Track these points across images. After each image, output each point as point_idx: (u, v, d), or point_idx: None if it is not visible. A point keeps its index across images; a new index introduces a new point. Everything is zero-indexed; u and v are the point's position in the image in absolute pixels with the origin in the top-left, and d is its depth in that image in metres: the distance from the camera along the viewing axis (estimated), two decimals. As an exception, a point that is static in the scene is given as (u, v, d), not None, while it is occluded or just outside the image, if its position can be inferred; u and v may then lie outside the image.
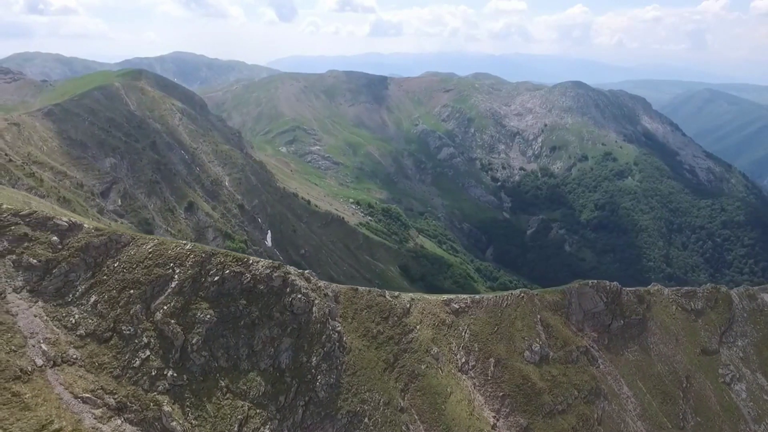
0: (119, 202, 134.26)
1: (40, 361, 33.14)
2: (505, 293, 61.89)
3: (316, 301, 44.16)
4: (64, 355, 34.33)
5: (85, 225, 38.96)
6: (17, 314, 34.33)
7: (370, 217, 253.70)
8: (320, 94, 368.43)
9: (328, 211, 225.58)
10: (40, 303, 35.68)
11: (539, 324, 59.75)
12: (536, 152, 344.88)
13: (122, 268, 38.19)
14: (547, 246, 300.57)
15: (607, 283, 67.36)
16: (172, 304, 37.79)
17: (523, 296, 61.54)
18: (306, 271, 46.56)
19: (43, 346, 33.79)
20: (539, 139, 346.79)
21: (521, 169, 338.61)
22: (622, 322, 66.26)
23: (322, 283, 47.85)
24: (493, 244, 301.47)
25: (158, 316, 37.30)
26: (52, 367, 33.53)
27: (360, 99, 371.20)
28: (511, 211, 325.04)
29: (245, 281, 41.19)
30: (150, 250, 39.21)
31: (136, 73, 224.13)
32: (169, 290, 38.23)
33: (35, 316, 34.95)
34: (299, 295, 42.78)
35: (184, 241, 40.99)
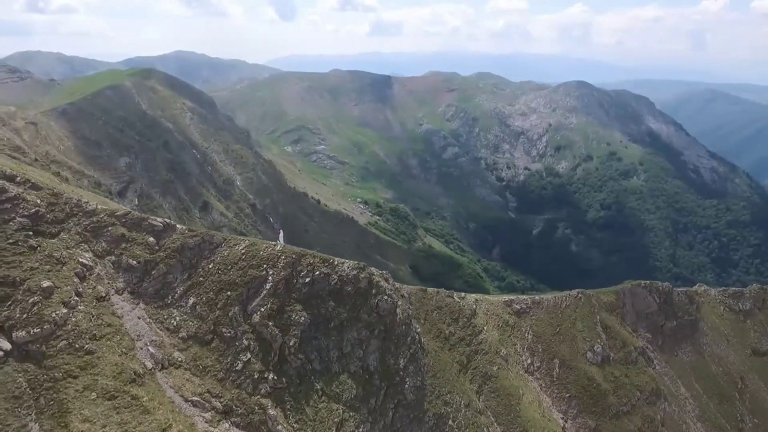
0: (136, 202, 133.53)
1: (149, 364, 32.78)
2: (563, 294, 61.81)
3: (399, 303, 43.91)
4: (170, 357, 33.98)
5: (178, 226, 38.55)
6: (122, 316, 33.95)
7: (378, 217, 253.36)
8: (324, 93, 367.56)
9: (338, 211, 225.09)
10: (141, 305, 35.30)
11: (599, 325, 59.70)
12: (541, 152, 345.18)
13: (217, 269, 37.81)
14: (553, 246, 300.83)
15: (659, 283, 67.41)
16: (268, 306, 37.46)
17: (580, 297, 61.47)
18: (383, 272, 46.26)
19: (151, 349, 33.42)
20: (544, 139, 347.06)
21: (526, 168, 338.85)
22: (674, 322, 66.31)
23: (397, 284, 47.60)
24: (499, 244, 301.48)
25: (256, 318, 36.96)
26: (160, 370, 33.15)
27: (364, 98, 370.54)
28: (517, 211, 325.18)
29: (332, 282, 40.87)
30: (243, 251, 38.84)
31: (146, 72, 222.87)
32: (265, 292, 37.89)
33: (139, 318, 34.57)
34: (385, 297, 42.52)
35: (274, 242, 40.62)
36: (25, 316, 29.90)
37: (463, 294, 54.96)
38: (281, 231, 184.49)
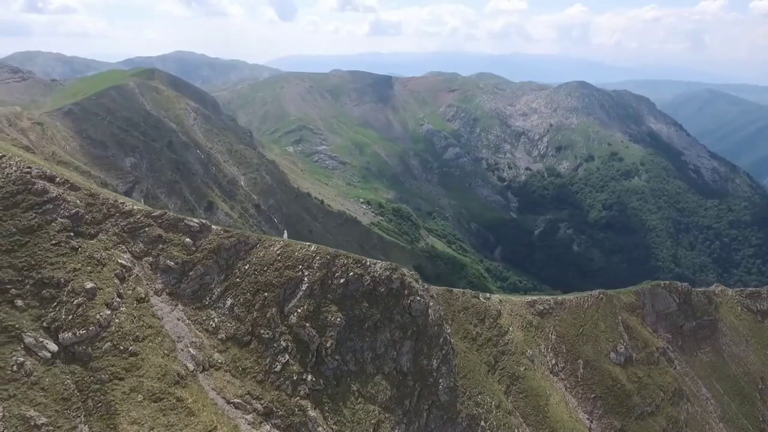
0: (142, 202, 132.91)
1: (191, 366, 32.63)
2: (584, 294, 61.79)
3: (431, 303, 43.82)
4: (210, 359, 33.83)
5: (214, 227, 38.39)
6: (162, 318, 33.79)
7: (381, 217, 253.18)
8: (325, 93, 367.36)
9: (341, 211, 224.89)
10: (180, 306, 35.13)
11: (621, 325, 59.68)
12: (542, 152, 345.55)
13: (253, 270, 37.66)
14: (555, 246, 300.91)
15: (678, 283, 67.44)
16: (305, 307, 37.32)
17: (602, 297, 61.45)
18: (412, 272, 46.14)
19: (191, 351, 33.27)
20: (545, 139, 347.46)
21: (527, 169, 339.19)
22: (694, 323, 66.35)
23: (426, 285, 47.47)
24: (501, 244, 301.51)
25: (293, 319, 36.82)
26: (202, 372, 33.00)
27: (365, 99, 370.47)
28: (518, 211, 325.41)
29: (365, 283, 40.74)
30: (278, 252, 38.69)
31: (149, 72, 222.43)
32: (301, 293, 37.75)
33: (178, 319, 34.41)
34: (417, 297, 42.43)
35: (308, 243, 40.50)
36: (70, 317, 29.74)
37: (488, 295, 54.92)
38: (285, 231, 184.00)
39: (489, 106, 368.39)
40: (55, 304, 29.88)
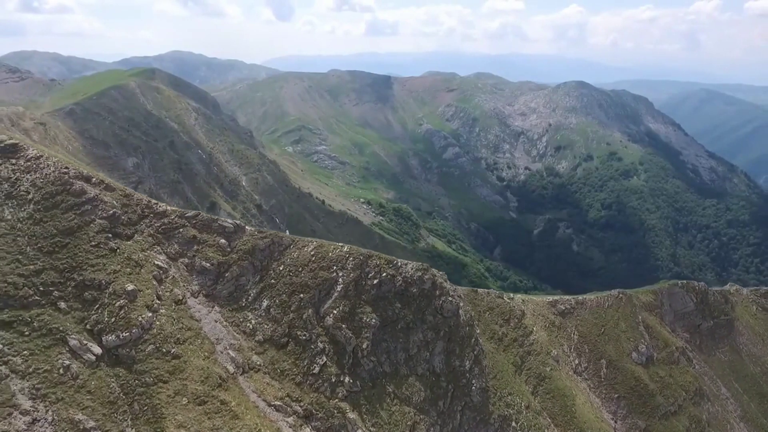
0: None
1: (231, 368, 32.31)
2: (604, 294, 61.71)
3: (461, 304, 43.60)
4: (249, 361, 33.52)
5: (247, 227, 38.04)
6: (200, 320, 33.45)
7: (381, 217, 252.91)
8: (324, 93, 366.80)
9: (343, 211, 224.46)
10: (216, 308, 34.79)
11: (641, 325, 59.60)
12: (541, 152, 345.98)
13: (288, 271, 37.34)
14: (555, 245, 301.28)
15: (696, 283, 67.46)
16: (340, 308, 37.01)
17: (621, 297, 61.38)
18: (440, 273, 45.89)
19: (231, 353, 32.94)
20: (544, 139, 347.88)
21: (526, 168, 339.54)
22: (711, 322, 66.38)
23: (452, 285, 47.24)
24: (500, 244, 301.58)
25: (329, 320, 36.52)
26: (242, 374, 32.67)
27: (364, 99, 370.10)
28: (518, 211, 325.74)
29: (397, 284, 40.48)
30: (312, 253, 38.38)
31: (149, 72, 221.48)
32: (336, 294, 37.46)
33: (216, 321, 34.07)
34: (449, 298, 42.19)
35: (341, 244, 40.20)
36: (113, 320, 29.37)
37: (511, 295, 54.74)
38: (287, 231, 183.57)
39: (488, 105, 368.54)
40: (97, 306, 29.50)
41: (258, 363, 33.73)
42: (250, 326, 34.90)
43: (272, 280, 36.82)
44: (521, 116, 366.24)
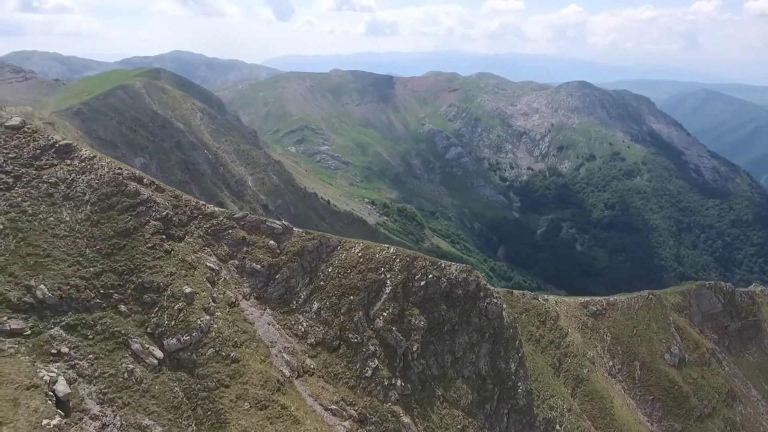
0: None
1: (287, 372, 31.85)
2: (634, 295, 61.41)
3: (504, 306, 43.20)
4: (303, 365, 33.06)
5: (295, 229, 37.58)
6: (254, 322, 32.98)
7: (386, 217, 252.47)
8: (326, 93, 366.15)
9: (348, 211, 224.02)
10: (268, 310, 34.32)
11: (672, 326, 59.28)
12: (543, 152, 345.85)
13: (337, 273, 36.88)
14: (558, 245, 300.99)
15: (723, 284, 67.20)
16: (390, 311, 36.58)
17: (651, 298, 61.06)
18: (481, 274, 45.45)
19: (285, 356, 32.48)
20: (546, 139, 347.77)
21: (529, 168, 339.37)
22: (739, 323, 66.11)
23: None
24: (504, 244, 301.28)
25: (379, 323, 36.09)
26: (297, 378, 32.21)
27: (366, 98, 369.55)
28: (521, 211, 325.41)
29: (442, 285, 40.05)
30: (359, 254, 37.94)
31: (154, 72, 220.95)
32: (385, 296, 37.02)
33: (268, 324, 33.61)
34: (493, 300, 41.77)
35: (386, 245, 39.76)
36: (173, 323, 28.90)
37: (545, 296, 54.34)
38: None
39: (490, 105, 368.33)
40: (156, 309, 29.02)
41: (312, 366, 33.28)
42: (302, 329, 34.44)
43: (321, 282, 36.36)
44: (523, 116, 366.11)
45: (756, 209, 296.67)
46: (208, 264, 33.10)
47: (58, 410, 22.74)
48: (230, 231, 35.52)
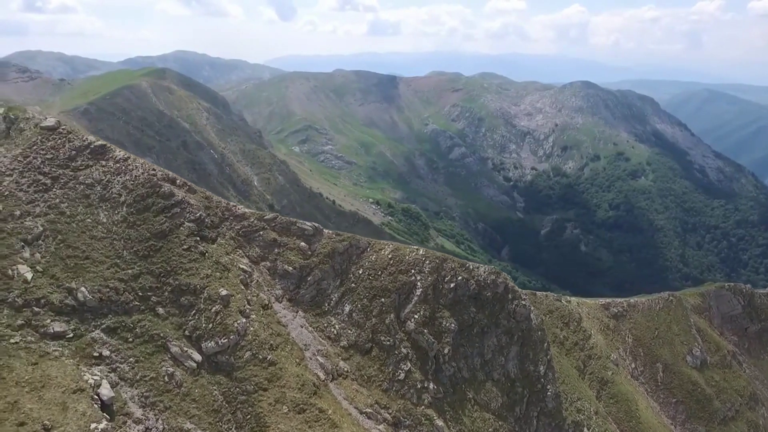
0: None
1: (322, 375, 31.57)
2: (654, 296, 61.10)
3: (532, 308, 42.90)
4: (337, 367, 32.77)
5: (325, 230, 37.31)
6: (287, 325, 32.70)
7: (390, 217, 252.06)
8: (330, 93, 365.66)
9: (353, 211, 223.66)
10: (300, 313, 34.06)
11: (693, 328, 58.97)
12: (547, 152, 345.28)
13: (368, 275, 36.60)
14: (562, 246, 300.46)
15: (743, 285, 66.95)
16: (421, 313, 36.28)
17: (671, 300, 60.76)
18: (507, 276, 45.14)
19: (320, 359, 32.22)
20: (550, 139, 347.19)
21: (533, 168, 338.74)
22: (758, 325, 65.77)
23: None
24: (508, 244, 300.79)
25: (410, 325, 35.80)
26: (332, 381, 31.94)
27: (369, 98, 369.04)
28: (525, 211, 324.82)
29: (471, 287, 39.74)
30: (389, 256, 37.65)
31: (159, 72, 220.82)
32: (416, 298, 36.73)
33: (301, 326, 33.34)
34: (521, 302, 41.47)
35: (416, 247, 39.47)
36: (210, 326, 28.65)
37: (568, 298, 54.06)
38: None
39: (494, 106, 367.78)
40: (194, 311, 28.76)
41: (345, 369, 33.01)
42: (335, 331, 34.18)
43: (352, 284, 36.08)
44: (527, 116, 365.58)
45: (761, 210, 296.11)
46: (241, 266, 32.83)
47: (105, 414, 22.49)
48: (261, 232, 35.25)
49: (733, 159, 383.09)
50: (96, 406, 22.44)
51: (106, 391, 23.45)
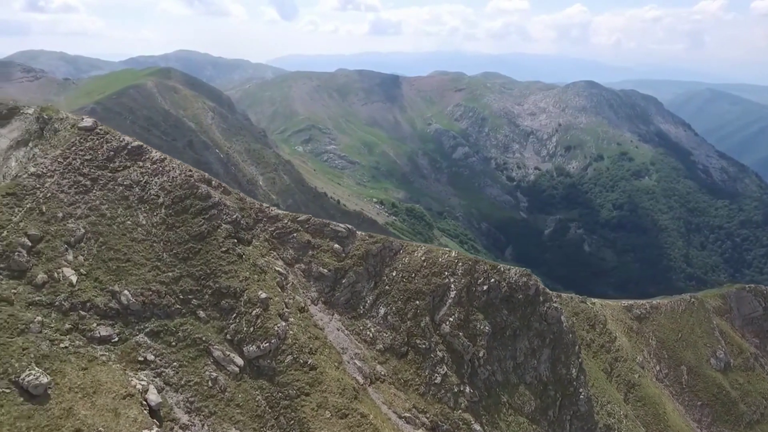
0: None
1: (360, 379, 31.13)
2: (677, 298, 60.69)
3: (563, 310, 42.46)
4: (374, 371, 32.33)
5: (358, 232, 36.86)
6: (324, 328, 32.25)
7: (394, 217, 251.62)
8: (333, 93, 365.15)
9: (358, 211, 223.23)
10: (336, 316, 33.61)
11: (716, 330, 58.55)
12: (551, 152, 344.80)
13: (401, 277, 36.15)
14: (566, 246, 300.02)
15: (763, 287, 66.41)
16: (455, 316, 35.84)
17: (693, 301, 60.34)
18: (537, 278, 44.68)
19: (357, 363, 31.79)
20: (553, 139, 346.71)
21: (536, 168, 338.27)
22: (779, 326, 65.26)
23: (545, 291, 46.06)
24: (511, 244, 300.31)
25: (445, 328, 35.36)
26: (370, 385, 31.50)
27: (372, 98, 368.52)
28: (528, 211, 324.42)
29: (503, 289, 39.29)
30: (422, 258, 37.21)
31: (165, 72, 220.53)
32: (450, 300, 36.28)
33: (338, 329, 32.91)
34: (553, 304, 41.03)
35: (447, 248, 39.04)
36: (251, 329, 28.19)
37: (593, 300, 53.63)
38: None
39: (497, 105, 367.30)
40: (234, 315, 28.31)
41: (382, 373, 32.59)
42: (370, 335, 33.75)
43: (386, 287, 35.64)
44: (530, 116, 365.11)
45: (765, 210, 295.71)
46: (277, 268, 32.38)
47: (154, 420, 22.06)
48: (294, 234, 34.81)
49: (736, 159, 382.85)
50: (145, 411, 22.00)
51: (153, 396, 23.03)
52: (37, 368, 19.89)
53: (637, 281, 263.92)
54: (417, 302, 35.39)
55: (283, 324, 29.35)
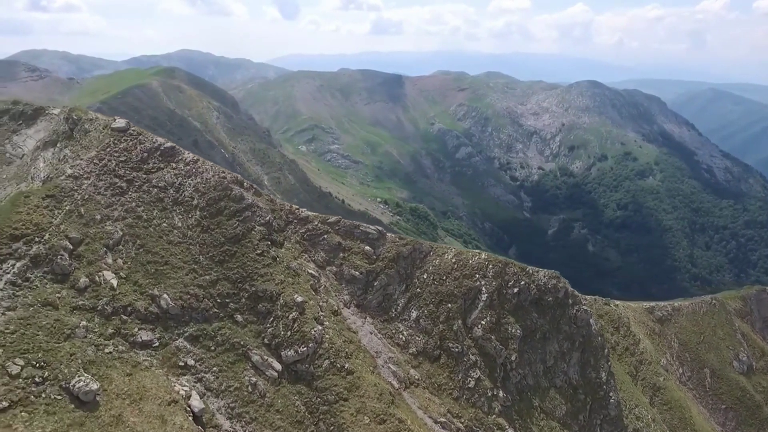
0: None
1: (395, 383, 30.63)
2: (698, 300, 60.19)
3: (592, 313, 41.96)
4: (408, 375, 31.83)
5: (388, 234, 36.35)
6: (357, 332, 31.75)
7: (398, 217, 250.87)
8: (336, 92, 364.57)
9: (362, 211, 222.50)
10: (368, 319, 33.11)
11: (738, 332, 58.04)
12: (554, 152, 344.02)
13: (432, 280, 35.65)
14: (570, 246, 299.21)
15: (782, 288, 65.82)
16: (487, 319, 35.34)
17: (714, 303, 59.81)
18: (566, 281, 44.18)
19: (392, 367, 31.29)
20: (557, 139, 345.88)
21: (540, 168, 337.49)
22: (799, 328, 64.73)
23: (570, 293, 45.55)
24: (515, 244, 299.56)
25: (477, 331, 34.86)
26: (405, 389, 31.00)
27: (375, 98, 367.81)
28: (532, 211, 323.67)
29: (532, 292, 38.79)
30: (452, 260, 36.70)
31: (169, 71, 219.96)
32: (481, 303, 35.78)
33: (371, 333, 32.40)
34: (582, 307, 40.53)
35: (478, 251, 38.52)
36: (288, 333, 27.69)
37: (617, 302, 53.13)
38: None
39: (500, 105, 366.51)
40: (271, 318, 27.82)
41: (416, 377, 32.10)
42: (403, 338, 33.26)
43: (418, 289, 35.14)
44: (534, 116, 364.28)
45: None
46: (309, 271, 31.89)
47: (199, 426, 21.58)
48: (325, 236, 34.31)
49: (740, 159, 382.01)
50: (190, 418, 21.53)
51: (196, 402, 22.59)
52: (86, 374, 19.41)
53: (642, 281, 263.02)
54: (449, 305, 34.90)
55: (320, 328, 28.87)
